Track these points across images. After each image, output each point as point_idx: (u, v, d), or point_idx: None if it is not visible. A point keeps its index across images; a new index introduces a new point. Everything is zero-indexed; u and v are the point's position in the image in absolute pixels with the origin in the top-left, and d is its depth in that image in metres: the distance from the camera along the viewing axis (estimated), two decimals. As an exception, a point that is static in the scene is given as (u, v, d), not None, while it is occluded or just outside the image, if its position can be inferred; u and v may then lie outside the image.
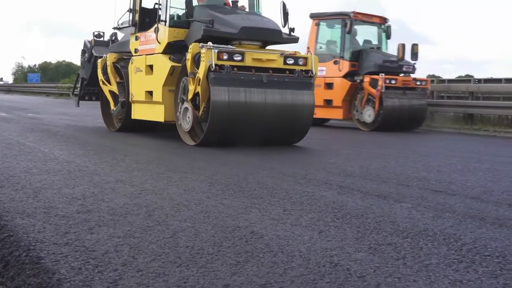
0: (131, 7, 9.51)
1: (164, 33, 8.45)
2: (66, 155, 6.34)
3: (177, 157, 6.69)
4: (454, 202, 4.22)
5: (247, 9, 9.35)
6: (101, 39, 11.21)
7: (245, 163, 6.22)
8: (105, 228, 3.08)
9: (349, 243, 2.95)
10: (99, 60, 10.50)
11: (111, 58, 10.07)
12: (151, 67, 8.84)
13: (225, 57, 7.41)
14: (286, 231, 3.15)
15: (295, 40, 8.81)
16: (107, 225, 3.14)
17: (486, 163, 6.99)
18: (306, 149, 7.95)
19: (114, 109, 10.16)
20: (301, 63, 8.06)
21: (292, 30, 8.70)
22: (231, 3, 8.94)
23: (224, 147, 7.41)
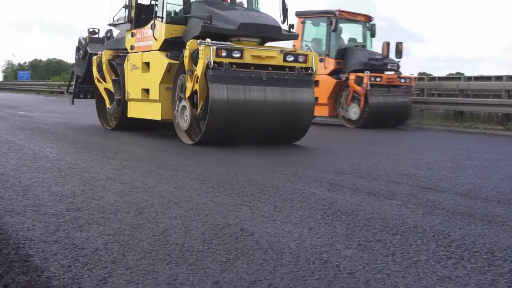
0: (127, 3, 9.37)
1: (161, 30, 8.32)
2: (56, 153, 6.31)
3: (168, 155, 6.68)
4: (444, 199, 4.24)
5: (245, 5, 9.21)
6: (96, 36, 11.06)
7: (236, 161, 6.22)
8: (95, 226, 3.07)
9: (339, 240, 2.96)
10: (94, 57, 10.35)
11: (106, 55, 9.94)
12: (147, 64, 8.73)
13: (223, 54, 7.28)
14: (276, 228, 3.15)
15: (295, 36, 8.68)
16: (97, 223, 3.14)
17: (475, 160, 7.03)
18: (297, 147, 7.96)
19: (110, 107, 10.05)
20: (301, 60, 7.91)
21: (291, 26, 8.58)
22: None
23: (216, 145, 7.39)
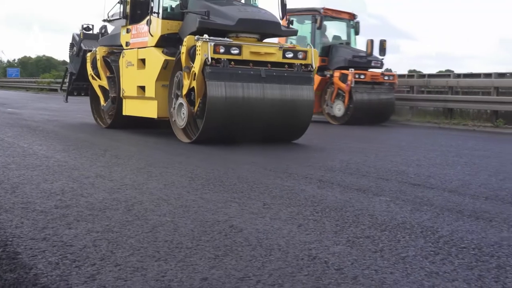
0: None
1: (157, 26, 8.15)
2: (45, 150, 6.28)
3: (158, 152, 6.66)
4: (432, 195, 4.26)
5: (242, 0, 9.02)
6: (90, 32, 10.89)
7: (227, 158, 6.22)
8: (84, 223, 3.06)
9: (327, 236, 2.97)
10: (89, 54, 10.19)
11: (101, 51, 9.78)
12: (143, 61, 8.55)
13: (221, 50, 7.12)
14: (265, 225, 3.16)
15: (294, 32, 8.54)
16: (85, 220, 3.13)
17: (464, 157, 7.08)
18: (287, 144, 7.96)
19: (105, 104, 9.91)
20: (300, 56, 7.76)
21: (291, 22, 8.43)
22: None
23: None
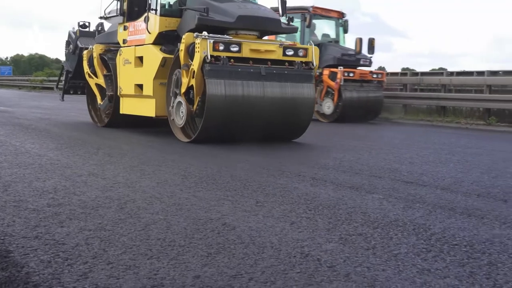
0: None
1: (155, 23, 7.99)
2: (38, 148, 6.26)
3: (151, 150, 6.65)
4: (425, 193, 4.28)
5: None
6: (87, 29, 10.74)
7: (220, 156, 6.22)
8: (76, 221, 3.05)
9: (320, 233, 2.98)
10: (85, 52, 10.02)
11: (97, 49, 9.59)
12: (140, 58, 8.43)
13: (221, 47, 7.00)
14: (258, 222, 3.16)
15: (294, 29, 8.41)
16: (78, 218, 3.12)
17: (457, 154, 7.10)
18: (281, 142, 7.96)
19: (101, 103, 9.79)
20: (301, 54, 7.65)
21: (291, 19, 8.30)
22: None
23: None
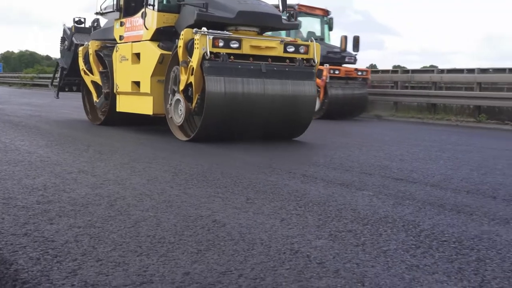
0: None
1: (152, 18, 7.84)
2: (28, 145, 6.23)
3: (142, 148, 6.63)
4: (415, 189, 4.30)
5: None
6: (82, 25, 10.59)
7: (211, 153, 6.21)
8: (66, 218, 3.04)
9: (310, 230, 2.98)
10: (80, 48, 9.90)
11: (93, 46, 9.45)
12: (138, 55, 8.28)
13: (221, 44, 6.87)
14: (248, 219, 3.17)
15: (295, 26, 8.30)
16: (67, 215, 3.11)
17: (447, 151, 7.14)
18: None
19: (97, 101, 9.65)
20: (302, 51, 7.53)
21: (292, 15, 8.19)
22: None
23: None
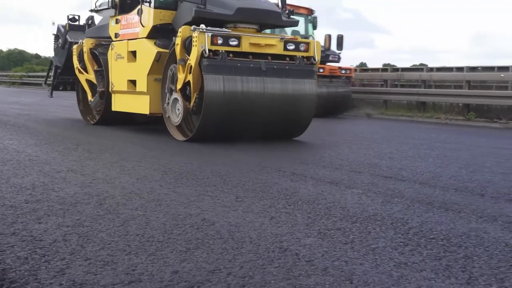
0: None
1: (149, 16, 7.69)
2: (16, 144, 6.19)
3: (132, 146, 6.62)
4: (404, 187, 4.32)
5: None
6: (76, 23, 10.44)
7: (201, 152, 6.21)
8: (54, 217, 3.03)
9: (299, 228, 2.99)
10: (75, 46, 9.68)
11: (87, 44, 9.28)
12: (134, 53, 8.15)
13: (219, 41, 6.75)
14: (238, 218, 3.17)
15: (295, 23, 8.20)
16: (56, 214, 3.10)
17: (436, 149, 7.18)
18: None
19: (92, 100, 9.50)
20: (302, 48, 7.42)
21: (291, 12, 8.07)
22: None
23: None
